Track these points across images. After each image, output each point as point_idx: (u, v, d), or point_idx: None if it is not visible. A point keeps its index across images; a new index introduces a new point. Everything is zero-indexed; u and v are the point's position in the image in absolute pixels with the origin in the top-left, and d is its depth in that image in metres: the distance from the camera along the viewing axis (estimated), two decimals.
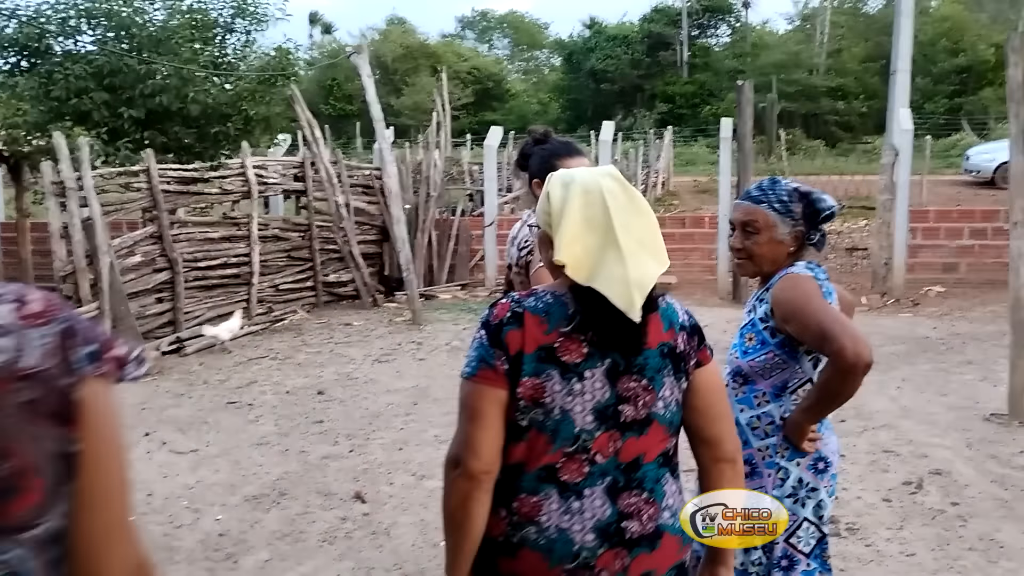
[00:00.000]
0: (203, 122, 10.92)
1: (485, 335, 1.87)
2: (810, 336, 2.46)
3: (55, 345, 1.16)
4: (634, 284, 1.82)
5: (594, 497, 1.86)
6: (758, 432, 2.59)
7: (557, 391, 1.83)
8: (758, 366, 2.58)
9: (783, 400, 2.57)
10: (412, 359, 8.97)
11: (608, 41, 51.30)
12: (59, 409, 1.16)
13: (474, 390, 1.85)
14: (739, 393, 2.63)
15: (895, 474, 5.46)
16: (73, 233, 8.59)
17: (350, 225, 12.15)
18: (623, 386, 1.87)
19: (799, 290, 2.51)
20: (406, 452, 6.08)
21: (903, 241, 11.89)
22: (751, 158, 12.11)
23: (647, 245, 1.90)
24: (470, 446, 1.83)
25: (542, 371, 1.83)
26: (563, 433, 1.84)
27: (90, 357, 1.20)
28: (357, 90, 12.82)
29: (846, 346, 2.32)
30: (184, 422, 6.92)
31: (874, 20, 50.49)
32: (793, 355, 2.55)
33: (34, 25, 10.40)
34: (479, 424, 1.84)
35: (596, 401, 1.85)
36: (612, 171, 1.97)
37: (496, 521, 1.88)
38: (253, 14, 11.34)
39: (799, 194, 2.64)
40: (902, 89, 13.73)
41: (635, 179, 23.48)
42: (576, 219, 1.87)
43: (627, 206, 1.90)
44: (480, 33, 70.23)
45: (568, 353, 1.84)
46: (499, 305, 1.90)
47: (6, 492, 1.11)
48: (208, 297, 10.44)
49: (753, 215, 2.64)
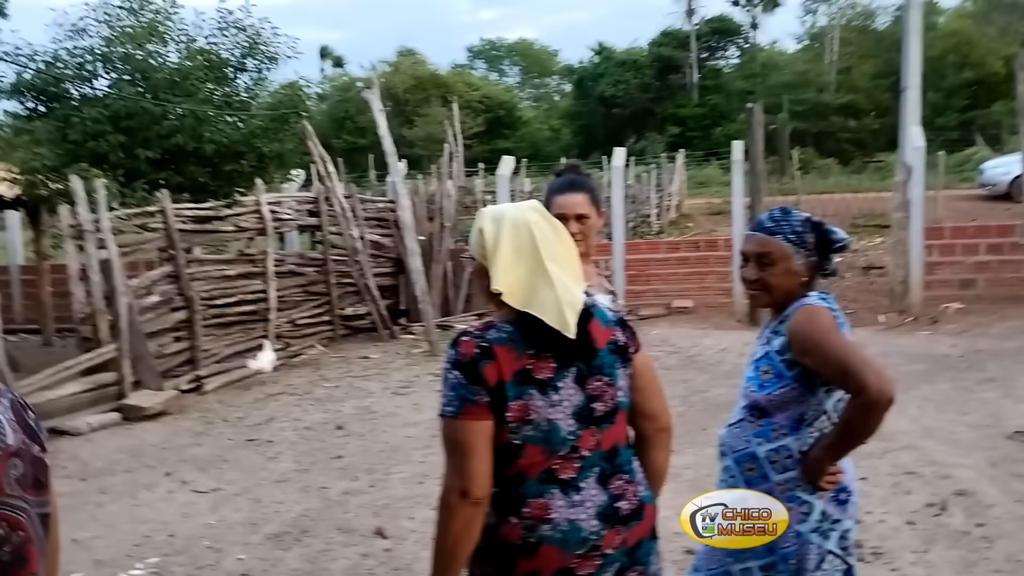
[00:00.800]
0: (217, 160, 11.01)
1: (460, 374, 2.06)
2: (830, 371, 2.44)
3: (17, 418, 1.24)
4: (566, 305, 2.05)
5: (589, 487, 2.11)
6: (776, 466, 2.56)
7: (540, 406, 2.06)
8: (775, 399, 2.56)
9: (801, 433, 2.55)
10: (430, 391, 8.96)
11: (617, 66, 51.53)
12: (37, 476, 1.22)
13: (462, 426, 2.05)
14: (756, 426, 2.61)
15: (918, 496, 5.41)
16: (91, 275, 8.66)
17: (365, 258, 12.22)
18: (590, 387, 2.12)
19: (817, 323, 2.49)
20: (426, 486, 6.06)
21: (919, 258, 11.83)
22: (763, 180, 12.12)
23: (570, 271, 2.13)
24: (470, 476, 2.03)
25: (523, 393, 2.05)
26: (554, 440, 2.07)
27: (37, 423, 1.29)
28: (369, 122, 12.91)
29: (869, 382, 2.29)
30: (204, 461, 6.94)
31: (883, 37, 50.46)
32: (810, 388, 2.53)
33: (51, 70, 10.55)
34: (473, 456, 2.04)
35: (574, 406, 2.10)
36: (537, 206, 2.22)
37: (510, 528, 2.08)
38: (264, 53, 11.46)
39: (812, 224, 2.64)
40: (913, 106, 13.65)
41: (648, 203, 23.51)
42: (507, 251, 2.10)
43: (551, 237, 2.14)
44: (490, 62, 70.70)
45: (541, 371, 2.07)
46: (462, 343, 2.09)
47: (17, 562, 1.17)
48: (226, 334, 10.49)
49: (767, 246, 2.63)
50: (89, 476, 6.67)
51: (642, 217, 22.70)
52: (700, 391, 8.36)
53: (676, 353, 10.11)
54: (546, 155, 47.24)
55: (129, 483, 6.46)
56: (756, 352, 2.71)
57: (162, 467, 6.81)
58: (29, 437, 1.25)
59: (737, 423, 2.67)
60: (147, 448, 7.36)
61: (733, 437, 2.67)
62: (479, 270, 2.21)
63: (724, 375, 8.91)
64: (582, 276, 2.18)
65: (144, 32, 10.69)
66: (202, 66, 10.86)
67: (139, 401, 8.39)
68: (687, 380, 8.76)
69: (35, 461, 1.24)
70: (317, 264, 12.03)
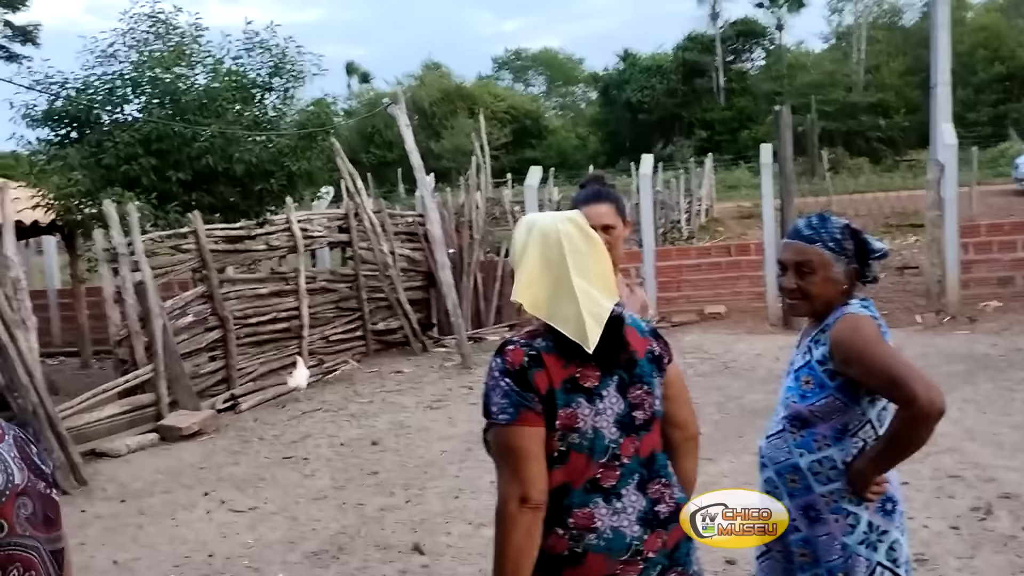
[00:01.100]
0: (247, 180, 11.09)
1: (512, 382, 2.08)
2: (876, 382, 2.40)
3: (22, 456, 1.24)
4: (589, 317, 2.07)
5: (630, 494, 2.14)
6: (820, 477, 2.51)
7: (587, 414, 2.09)
8: (818, 410, 2.51)
9: (844, 443, 2.50)
10: (464, 403, 8.97)
11: (643, 72, 51.42)
12: (46, 513, 1.22)
13: (519, 433, 2.06)
14: (797, 437, 2.56)
15: (962, 500, 5.32)
16: (126, 297, 8.76)
17: (396, 273, 12.26)
18: (632, 395, 2.16)
19: (861, 333, 2.44)
20: (462, 500, 6.06)
21: (955, 257, 11.67)
22: (793, 182, 12.02)
23: (601, 284, 2.15)
24: (530, 482, 2.04)
25: (572, 400, 2.09)
26: (597, 448, 2.11)
27: (44, 455, 1.28)
28: (397, 137, 12.99)
29: (918, 393, 2.25)
30: (241, 480, 6.97)
31: (911, 33, 49.99)
32: (854, 398, 2.48)
33: (83, 97, 10.69)
34: (532, 462, 2.06)
35: (616, 414, 2.13)
36: (574, 216, 2.23)
37: (556, 539, 2.09)
38: (290, 72, 11.55)
39: (851, 231, 2.59)
40: (944, 103, 13.51)
41: (678, 208, 23.41)
42: (534, 261, 2.14)
43: (582, 249, 2.15)
44: (515, 72, 70.84)
45: (588, 379, 2.11)
46: (510, 351, 2.12)
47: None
48: (260, 353, 10.56)
49: (807, 254, 2.57)
50: (128, 497, 6.72)
51: (672, 223, 22.60)
52: (735, 397, 8.29)
53: (710, 360, 10.04)
54: (573, 163, 47.22)
55: (168, 504, 6.51)
56: (795, 361, 2.66)
57: (200, 487, 6.85)
58: (35, 474, 1.25)
59: (777, 434, 2.62)
60: (185, 468, 7.42)
61: (774, 448, 2.62)
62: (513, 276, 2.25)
63: (759, 381, 8.83)
64: (615, 290, 2.20)
65: (172, 56, 10.81)
66: (229, 87, 10.96)
67: (176, 421, 8.45)
68: (722, 387, 8.69)
69: (43, 498, 1.24)
70: (348, 280, 12.09)
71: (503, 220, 20.18)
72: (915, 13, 52.45)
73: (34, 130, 10.91)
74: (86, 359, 13.35)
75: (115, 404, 8.42)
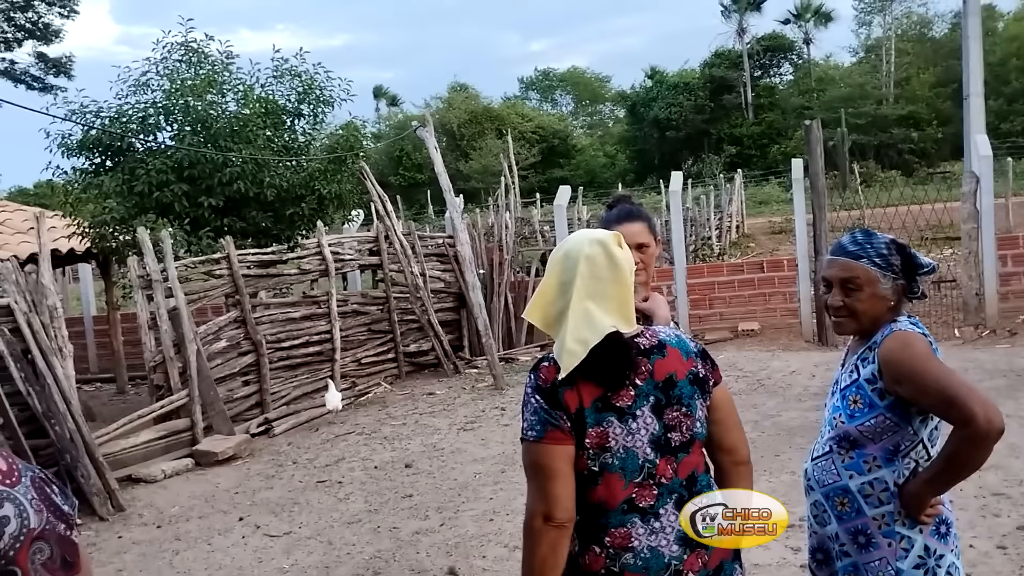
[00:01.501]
0: (278, 205, 11.17)
1: (542, 399, 2.09)
2: (930, 401, 2.32)
3: (40, 498, 1.21)
4: (572, 343, 2.07)
5: (668, 513, 2.13)
6: (871, 500, 2.44)
7: (619, 434, 2.08)
8: (868, 430, 2.44)
9: (895, 464, 2.42)
10: (497, 425, 8.93)
11: (670, 89, 51.46)
12: (64, 556, 1.20)
13: (545, 450, 2.07)
14: (847, 459, 2.49)
15: (1008, 518, 5.20)
16: (160, 323, 8.83)
17: (427, 294, 12.28)
18: (668, 417, 2.13)
19: (912, 350, 2.37)
20: (497, 522, 6.02)
21: (993, 270, 11.50)
22: (824, 197, 11.90)
23: (615, 310, 2.13)
24: (555, 500, 2.04)
25: (603, 420, 2.08)
26: (630, 467, 2.10)
27: (65, 496, 1.26)
28: (426, 158, 13.06)
29: (976, 412, 2.17)
30: (276, 504, 6.97)
31: (940, 45, 49.69)
32: (905, 417, 2.40)
33: (116, 125, 10.83)
34: (557, 480, 2.05)
35: (650, 434, 2.11)
36: (604, 237, 2.18)
37: (594, 557, 2.10)
38: (319, 97, 11.63)
39: (897, 246, 2.52)
40: (977, 114, 13.38)
41: (708, 225, 23.31)
42: (551, 281, 2.17)
43: (603, 274, 2.13)
44: (543, 92, 71.08)
45: (621, 399, 2.10)
46: (543, 368, 2.12)
47: None
48: (293, 376, 10.60)
49: (853, 271, 2.51)
50: (164, 523, 6.75)
51: (703, 240, 22.50)
52: (771, 415, 8.19)
53: (745, 377, 9.93)
54: (602, 182, 47.28)
55: (204, 529, 6.52)
56: (841, 380, 2.58)
57: (235, 512, 6.86)
58: (54, 515, 1.23)
59: (824, 455, 2.55)
60: (220, 493, 7.44)
61: (821, 471, 2.55)
62: None
63: (795, 398, 8.72)
64: (631, 317, 2.18)
65: (203, 83, 10.93)
66: (259, 113, 11.06)
67: (211, 446, 8.49)
68: (757, 405, 8.59)
69: (62, 540, 1.22)
70: (379, 302, 12.12)
71: (532, 240, 20.20)
72: (944, 24, 52.18)
73: (69, 159, 11.05)
74: (122, 385, 13.49)
75: (151, 430, 8.47)
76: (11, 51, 34.36)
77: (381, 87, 67.66)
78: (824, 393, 7.43)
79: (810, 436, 7.15)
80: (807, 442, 7.00)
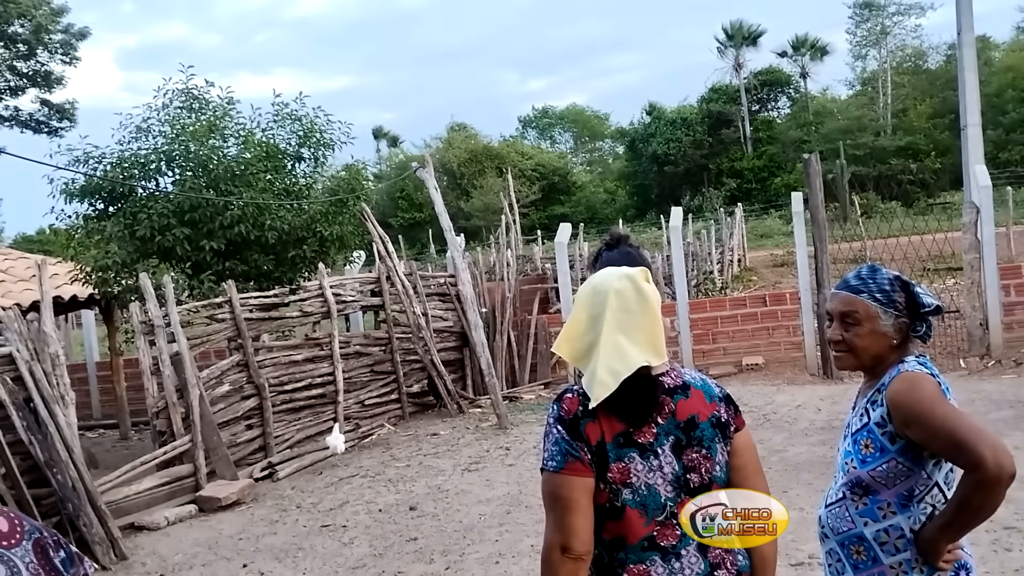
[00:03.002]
0: (280, 247, 11.20)
1: (564, 430, 2.09)
2: (939, 445, 2.26)
3: (40, 562, 1.20)
4: (603, 374, 2.08)
5: (689, 555, 2.11)
6: (888, 547, 2.37)
7: (640, 470, 2.08)
8: (880, 475, 2.37)
9: (911, 510, 2.35)
10: (501, 465, 8.87)
11: (668, 125, 51.74)
12: None
13: (564, 482, 2.06)
14: (860, 505, 2.42)
15: (1020, 552, 5.14)
16: (163, 368, 8.81)
17: (429, 334, 12.26)
18: (687, 457, 2.13)
19: (919, 393, 2.31)
20: (503, 565, 5.95)
21: (996, 299, 11.48)
22: (825, 229, 11.92)
23: (645, 343, 2.14)
24: (572, 532, 2.04)
25: (624, 455, 2.08)
26: (652, 505, 2.09)
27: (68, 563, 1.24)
28: (426, 197, 13.11)
29: (986, 457, 2.10)
30: (280, 550, 6.91)
31: (936, 76, 50.06)
32: (917, 461, 2.33)
33: (118, 171, 10.88)
34: (575, 512, 2.05)
35: (672, 473, 2.11)
36: (632, 273, 2.21)
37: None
38: (319, 141, 11.70)
39: (901, 282, 2.48)
40: (975, 144, 13.44)
41: (710, 259, 23.33)
42: (580, 315, 2.18)
43: (633, 307, 2.16)
44: (542, 130, 71.50)
45: (643, 436, 2.10)
46: (567, 399, 2.13)
47: None
48: (296, 419, 10.55)
49: (853, 305, 2.48)
50: (168, 572, 6.68)
51: (705, 274, 22.51)
52: (778, 451, 8.13)
53: (750, 412, 9.87)
54: (603, 218, 47.42)
55: None
56: (852, 424, 2.52)
57: (239, 558, 6.79)
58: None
59: (838, 502, 2.48)
60: (224, 540, 7.37)
61: (835, 518, 2.48)
62: None
63: (801, 433, 8.67)
64: (663, 351, 2.19)
65: (204, 128, 11.01)
66: (260, 157, 11.12)
67: (214, 492, 8.43)
68: (763, 440, 8.53)
69: None
70: (382, 343, 12.10)
71: (534, 277, 20.22)
72: (939, 56, 52.60)
73: (72, 204, 11.09)
74: (125, 431, 13.44)
75: (154, 476, 8.42)
76: (15, 98, 34.69)
77: (381, 128, 68.09)
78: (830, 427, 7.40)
79: (817, 471, 7.10)
80: (814, 477, 6.95)
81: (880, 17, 53.28)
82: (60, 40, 33.56)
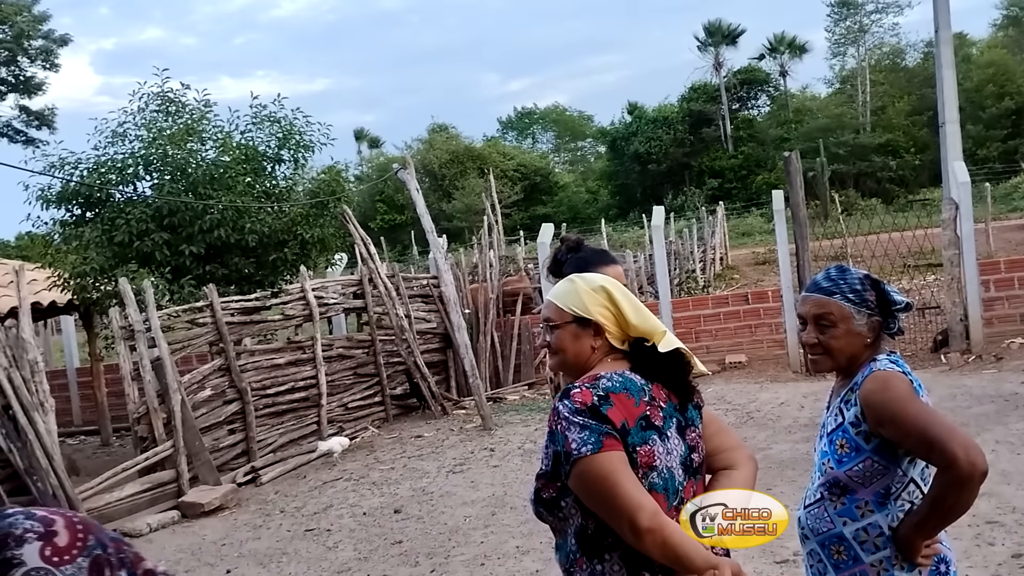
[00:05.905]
0: (260, 251, 11.14)
1: (587, 416, 2.02)
2: (912, 443, 2.27)
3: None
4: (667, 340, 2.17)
5: None
6: (867, 546, 2.37)
7: (661, 453, 2.07)
8: (857, 474, 2.38)
9: (888, 508, 2.36)
10: (486, 466, 8.85)
11: (649, 124, 51.89)
12: None
13: (607, 458, 1.98)
14: (838, 505, 2.43)
15: (1003, 546, 5.16)
16: (144, 374, 8.73)
17: (412, 336, 12.21)
18: (689, 437, 2.17)
19: (892, 392, 2.32)
20: (489, 567, 5.93)
21: (976, 295, 11.54)
22: (806, 227, 11.96)
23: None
24: (638, 503, 1.94)
25: (648, 438, 2.06)
26: (671, 489, 2.08)
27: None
28: (408, 199, 13.05)
29: (958, 455, 2.12)
30: (264, 555, 6.86)
31: (914, 73, 50.44)
32: (892, 459, 2.35)
33: (95, 176, 10.79)
34: (629, 483, 1.96)
35: (680, 455, 2.13)
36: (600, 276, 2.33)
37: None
38: (298, 144, 11.65)
39: (871, 281, 2.49)
40: (953, 141, 13.49)
41: (692, 258, 23.39)
42: (631, 308, 2.21)
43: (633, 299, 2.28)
44: (522, 131, 71.50)
45: (657, 418, 2.10)
46: (576, 394, 2.06)
47: None
48: (279, 423, 10.49)
49: (826, 307, 2.48)
50: None
51: (687, 273, 22.57)
52: (762, 449, 8.14)
53: (734, 410, 9.89)
54: (585, 217, 47.47)
55: None
56: (827, 424, 2.53)
57: (222, 564, 6.74)
58: None
59: (816, 503, 2.49)
60: (207, 546, 7.31)
61: (814, 519, 2.49)
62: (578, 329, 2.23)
63: (785, 430, 8.69)
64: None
65: (181, 132, 10.94)
66: (239, 160, 11.06)
67: (197, 498, 8.37)
68: (747, 438, 8.53)
69: None
70: (365, 346, 12.04)
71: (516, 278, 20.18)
72: (917, 54, 52.96)
73: (49, 211, 11.00)
74: (106, 437, 13.33)
75: (135, 483, 8.35)
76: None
77: (362, 129, 67.99)
78: (813, 424, 7.38)
79: (801, 468, 7.10)
80: (799, 475, 6.96)
81: (858, 15, 53.58)
82: (41, 46, 33.35)
